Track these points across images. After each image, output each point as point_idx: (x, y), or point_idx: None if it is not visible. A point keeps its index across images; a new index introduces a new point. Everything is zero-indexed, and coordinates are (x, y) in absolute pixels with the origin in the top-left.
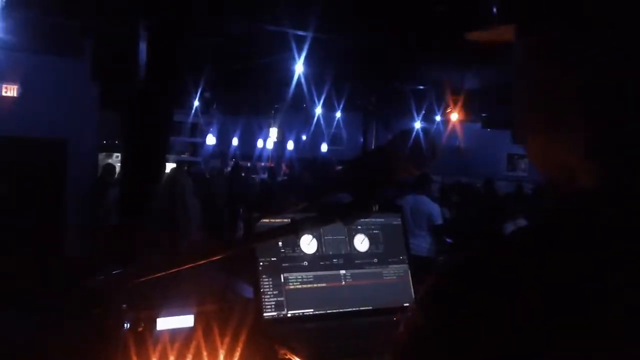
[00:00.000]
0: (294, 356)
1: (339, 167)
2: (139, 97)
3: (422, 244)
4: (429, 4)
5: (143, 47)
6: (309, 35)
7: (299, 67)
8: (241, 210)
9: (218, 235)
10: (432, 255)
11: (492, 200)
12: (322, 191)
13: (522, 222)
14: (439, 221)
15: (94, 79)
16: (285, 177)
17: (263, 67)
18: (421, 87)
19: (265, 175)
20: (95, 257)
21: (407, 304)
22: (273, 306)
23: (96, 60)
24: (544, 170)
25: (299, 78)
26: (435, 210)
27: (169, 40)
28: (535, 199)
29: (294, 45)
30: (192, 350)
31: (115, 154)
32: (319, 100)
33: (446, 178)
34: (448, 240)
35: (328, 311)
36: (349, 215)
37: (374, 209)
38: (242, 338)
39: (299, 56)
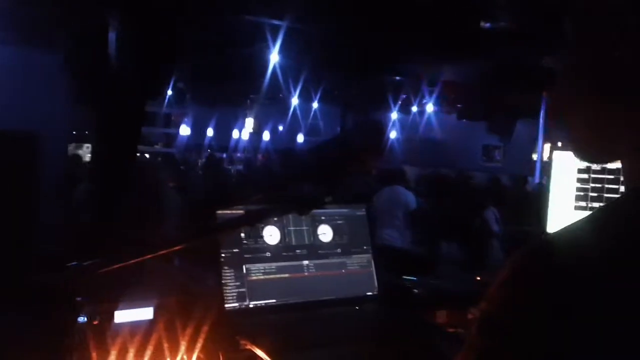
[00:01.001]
0: (254, 347)
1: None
2: (111, 89)
3: (399, 235)
4: None
5: (114, 37)
6: (285, 25)
7: (275, 58)
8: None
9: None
10: (406, 247)
11: (467, 190)
12: (279, 183)
13: (495, 211)
14: (415, 207)
15: (65, 71)
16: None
17: (239, 57)
18: (398, 78)
19: (240, 167)
20: (66, 254)
21: (370, 293)
22: (235, 297)
23: (67, 52)
24: (591, 145)
25: (275, 68)
26: (410, 198)
27: (142, 30)
28: (514, 187)
29: (269, 36)
30: (152, 342)
31: (86, 145)
32: (295, 90)
33: (422, 169)
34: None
35: (291, 302)
36: (303, 206)
37: (327, 200)
38: (204, 330)
39: (275, 46)
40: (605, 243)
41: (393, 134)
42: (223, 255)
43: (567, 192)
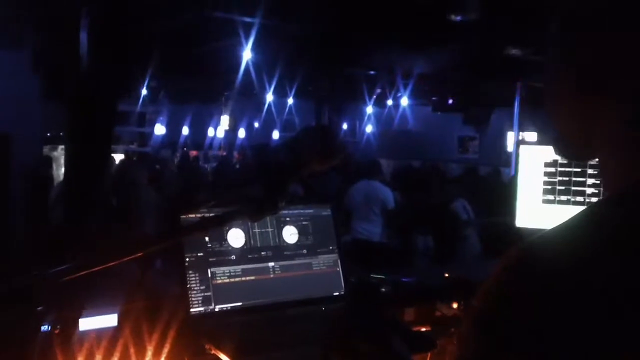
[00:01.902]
0: (218, 351)
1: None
2: (81, 88)
3: (375, 229)
4: None
5: (84, 36)
6: (257, 21)
7: (248, 54)
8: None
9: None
10: (384, 240)
11: (439, 182)
12: (231, 188)
13: (465, 202)
14: (392, 205)
15: (34, 71)
16: (237, 166)
17: (211, 54)
18: (372, 72)
19: (216, 164)
20: (33, 258)
21: (337, 293)
22: (200, 301)
23: (36, 52)
24: (574, 142)
25: (249, 65)
26: (388, 195)
27: (112, 28)
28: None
29: (242, 32)
30: (118, 349)
31: (61, 147)
32: (270, 86)
33: (398, 162)
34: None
35: (257, 304)
36: (256, 212)
37: (281, 205)
38: (170, 335)
39: (248, 43)
40: (596, 245)
41: (369, 128)
42: (187, 259)
43: (534, 186)
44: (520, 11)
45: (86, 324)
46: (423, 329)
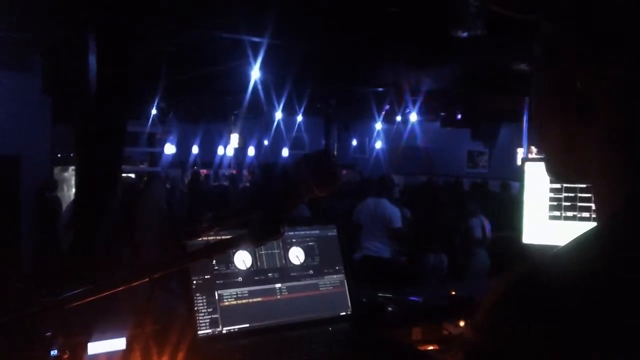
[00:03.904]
0: None
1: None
2: (91, 110)
3: (384, 246)
4: (384, 6)
5: (93, 59)
6: (264, 41)
7: (256, 73)
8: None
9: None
10: (393, 257)
11: (454, 198)
12: (234, 214)
13: (483, 218)
14: (398, 224)
15: (44, 94)
16: (247, 184)
17: (220, 74)
18: (380, 89)
19: (226, 183)
20: (42, 282)
21: (344, 313)
22: (207, 324)
23: (47, 74)
24: (556, 166)
25: (257, 83)
26: (395, 214)
27: (120, 50)
28: (500, 193)
29: (250, 52)
30: None
31: (71, 168)
32: (279, 104)
33: (408, 177)
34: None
35: (263, 325)
36: (259, 238)
37: (283, 231)
38: (178, 357)
39: (256, 62)
40: (591, 272)
41: (378, 144)
42: (194, 281)
43: (541, 202)
44: (526, 26)
45: (95, 347)
46: (430, 348)
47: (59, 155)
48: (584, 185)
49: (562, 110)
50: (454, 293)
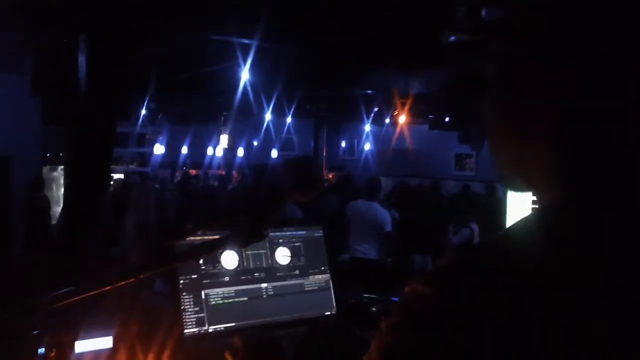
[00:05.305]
0: None
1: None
2: (80, 110)
3: (372, 248)
4: (376, 10)
5: (83, 60)
6: (254, 43)
7: (246, 75)
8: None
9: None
10: (382, 259)
11: (437, 203)
12: (220, 217)
13: (474, 227)
14: (389, 228)
15: (34, 94)
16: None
17: (210, 75)
18: (369, 91)
19: (216, 183)
20: (37, 279)
21: (328, 313)
22: (194, 322)
23: (36, 75)
24: (506, 174)
25: (247, 85)
26: (386, 218)
27: (110, 51)
28: (486, 196)
29: (240, 54)
30: None
31: (60, 167)
32: (268, 106)
33: (396, 179)
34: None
35: (249, 325)
36: (243, 240)
37: (266, 233)
38: (165, 356)
39: (246, 64)
40: (513, 262)
41: (367, 146)
42: (181, 281)
43: (524, 205)
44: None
45: (82, 346)
46: None
47: (47, 154)
48: None
49: (513, 124)
50: None
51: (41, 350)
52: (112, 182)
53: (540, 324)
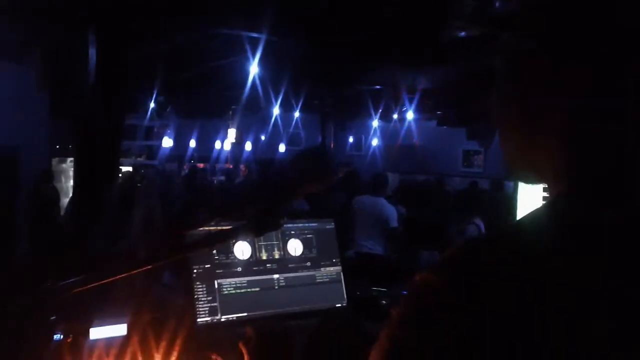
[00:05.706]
0: None
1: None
2: (89, 104)
3: (379, 243)
4: (381, 6)
5: (92, 53)
6: (262, 37)
7: (254, 69)
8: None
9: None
10: (387, 254)
11: (444, 199)
12: (234, 206)
13: (481, 223)
14: (395, 224)
15: (42, 87)
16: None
17: (218, 70)
18: (377, 87)
19: (222, 177)
20: (43, 270)
21: (339, 305)
22: (207, 312)
23: (44, 68)
24: (515, 168)
25: (255, 80)
26: (392, 214)
27: (119, 46)
28: (492, 192)
29: (248, 48)
30: (127, 358)
31: (69, 159)
32: (276, 101)
33: (403, 175)
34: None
35: (261, 314)
36: (259, 229)
37: (282, 222)
38: (177, 344)
39: (254, 58)
40: (522, 254)
41: (375, 142)
42: (195, 270)
43: (534, 201)
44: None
45: (96, 333)
46: None
47: (57, 146)
48: None
49: (521, 119)
50: None
51: (57, 336)
52: (120, 175)
53: (543, 318)
